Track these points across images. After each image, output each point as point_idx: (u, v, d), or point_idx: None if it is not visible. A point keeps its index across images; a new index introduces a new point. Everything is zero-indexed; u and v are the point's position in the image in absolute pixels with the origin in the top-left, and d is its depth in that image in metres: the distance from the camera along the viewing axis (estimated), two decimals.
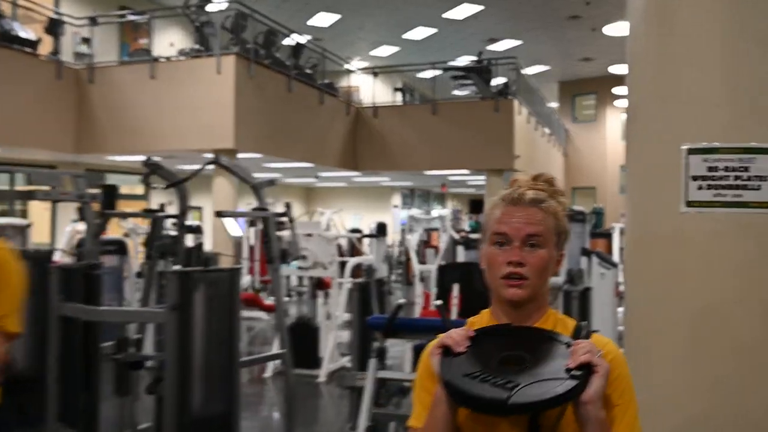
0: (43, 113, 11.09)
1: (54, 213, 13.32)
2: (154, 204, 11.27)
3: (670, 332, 2.06)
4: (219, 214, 3.79)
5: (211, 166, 4.05)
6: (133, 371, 3.94)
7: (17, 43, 10.50)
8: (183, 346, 3.32)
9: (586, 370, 1.21)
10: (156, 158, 3.92)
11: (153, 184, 4.07)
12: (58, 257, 7.84)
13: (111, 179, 13.58)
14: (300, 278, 11.90)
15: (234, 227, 3.65)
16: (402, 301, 2.41)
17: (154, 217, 4.22)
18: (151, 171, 3.90)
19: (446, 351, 1.29)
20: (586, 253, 5.19)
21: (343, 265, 9.24)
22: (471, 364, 1.26)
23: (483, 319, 1.45)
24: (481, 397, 1.20)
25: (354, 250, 11.80)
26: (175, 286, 3.30)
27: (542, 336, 1.31)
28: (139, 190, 14.66)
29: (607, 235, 9.65)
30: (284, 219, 4.24)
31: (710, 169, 2.00)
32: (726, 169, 1.97)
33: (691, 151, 2.03)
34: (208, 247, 10.66)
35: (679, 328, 2.03)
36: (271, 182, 4.08)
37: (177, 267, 4.06)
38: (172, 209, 4.55)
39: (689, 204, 2.01)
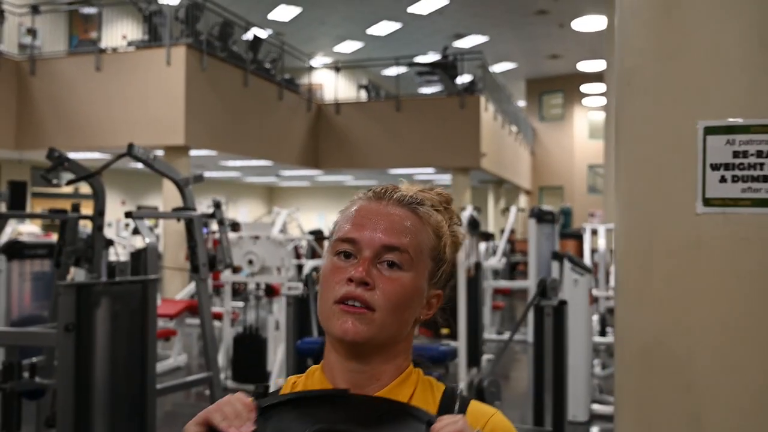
0: None
1: None
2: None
3: (680, 376, 1.50)
4: (129, 215, 3.25)
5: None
6: (32, 401, 3.37)
7: None
8: (80, 373, 2.77)
9: None
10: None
11: (54, 179, 3.51)
12: None
13: (64, 178, 12.86)
14: (257, 283, 11.33)
15: (147, 232, 3.14)
16: None
17: (64, 218, 3.64)
18: (56, 164, 3.33)
19: None
20: (557, 257, 4.75)
21: (300, 268, 8.71)
22: None
23: (313, 379, 0.94)
24: None
25: (314, 253, 11.24)
26: (71, 302, 2.74)
27: (388, 410, 0.80)
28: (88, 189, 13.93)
29: (578, 236, 9.28)
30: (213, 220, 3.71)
31: (737, 154, 1.44)
32: (759, 154, 1.42)
33: (710, 131, 1.46)
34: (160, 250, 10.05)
35: (691, 371, 1.46)
36: (199, 177, 3.55)
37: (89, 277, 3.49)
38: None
39: (708, 202, 1.44)
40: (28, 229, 10.60)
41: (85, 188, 11.98)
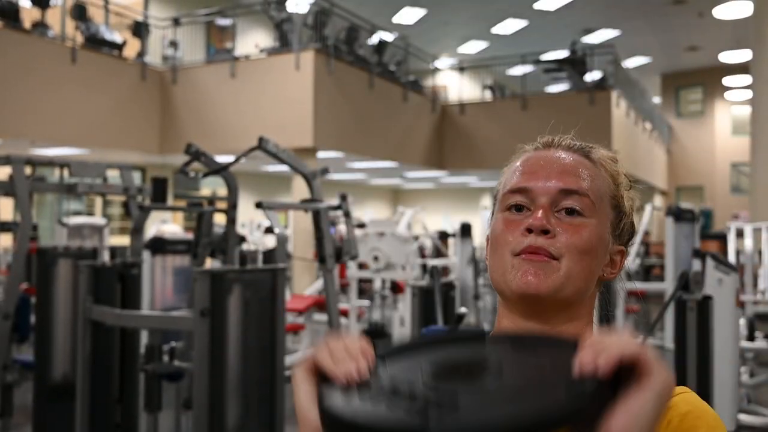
0: (129, 115, 11.18)
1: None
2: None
3: None
4: (259, 206, 3.35)
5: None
6: (172, 383, 3.55)
7: (104, 45, 10.59)
8: (214, 357, 2.87)
9: (610, 382, 0.53)
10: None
11: (191, 172, 3.68)
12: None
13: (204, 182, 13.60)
14: (383, 281, 11.46)
15: (277, 222, 3.23)
16: (463, 310, 1.85)
17: (200, 211, 3.81)
18: (192, 158, 3.49)
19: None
20: (698, 254, 4.42)
21: (425, 267, 8.72)
22: (381, 384, 0.61)
23: None
24: (377, 426, 0.55)
25: (439, 252, 11.24)
26: (206, 288, 2.85)
27: (534, 342, 0.64)
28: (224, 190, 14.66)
29: (721, 237, 8.65)
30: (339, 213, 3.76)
31: None
32: None
33: None
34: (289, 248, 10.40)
35: None
36: (325, 171, 3.61)
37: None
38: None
39: None
40: (171, 229, 11.30)
41: (221, 190, 12.60)
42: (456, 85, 16.26)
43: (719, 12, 14.55)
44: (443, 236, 10.83)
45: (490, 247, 0.84)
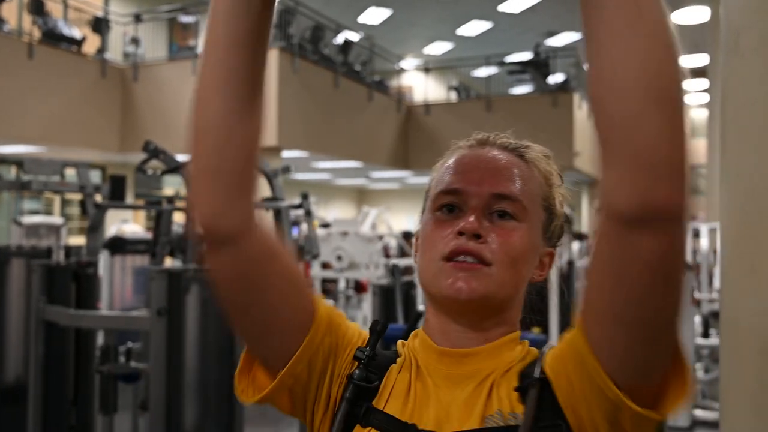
0: (89, 112, 10.95)
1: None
2: None
3: None
4: None
5: None
6: (128, 384, 3.48)
7: (62, 41, 10.37)
8: (172, 357, 2.83)
9: None
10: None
11: (150, 170, 3.62)
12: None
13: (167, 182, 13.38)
14: (347, 280, 11.45)
15: None
16: (422, 308, 1.86)
17: (159, 209, 3.75)
18: (150, 155, 3.44)
19: None
20: None
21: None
22: None
23: (415, 343, 0.86)
24: None
25: (403, 252, 11.26)
26: (163, 287, 2.81)
27: None
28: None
29: None
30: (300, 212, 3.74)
31: None
32: None
33: None
34: None
35: None
36: (287, 169, 3.58)
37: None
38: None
39: None
40: (131, 229, 11.11)
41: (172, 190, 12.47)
42: (421, 86, 16.32)
43: (677, 17, 14.83)
44: (407, 236, 10.84)
45: (420, 248, 0.82)
